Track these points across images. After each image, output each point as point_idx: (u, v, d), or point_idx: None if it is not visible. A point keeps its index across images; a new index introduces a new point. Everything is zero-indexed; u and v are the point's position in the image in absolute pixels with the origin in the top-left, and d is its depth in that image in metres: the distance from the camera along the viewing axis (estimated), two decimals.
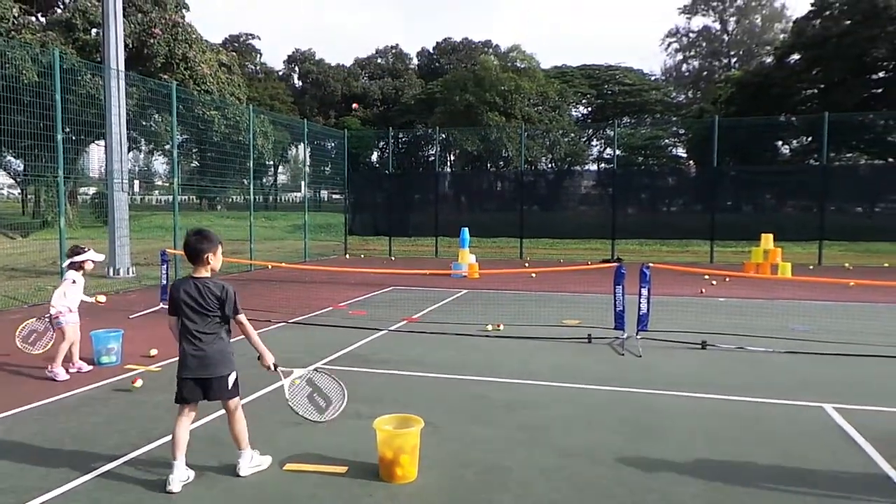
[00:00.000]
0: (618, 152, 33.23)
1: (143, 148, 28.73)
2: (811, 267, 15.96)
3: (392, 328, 8.23)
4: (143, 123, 23.19)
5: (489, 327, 8.12)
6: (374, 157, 50.13)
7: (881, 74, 33.55)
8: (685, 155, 41.43)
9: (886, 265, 16.50)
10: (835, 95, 30.37)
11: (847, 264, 16.44)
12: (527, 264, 16.93)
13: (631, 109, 47.57)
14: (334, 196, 37.42)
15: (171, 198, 14.87)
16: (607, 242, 19.37)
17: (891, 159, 33.08)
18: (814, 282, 11.85)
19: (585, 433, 4.51)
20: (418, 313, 9.34)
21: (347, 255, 20.02)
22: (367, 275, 13.56)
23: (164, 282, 9.72)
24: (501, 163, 38.69)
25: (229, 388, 3.71)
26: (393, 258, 19.33)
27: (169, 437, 3.76)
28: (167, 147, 21.56)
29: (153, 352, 6.63)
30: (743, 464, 3.97)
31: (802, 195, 20.43)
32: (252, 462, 3.81)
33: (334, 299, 10.60)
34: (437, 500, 3.51)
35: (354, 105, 45.38)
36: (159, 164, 37.04)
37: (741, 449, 4.21)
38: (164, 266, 9.80)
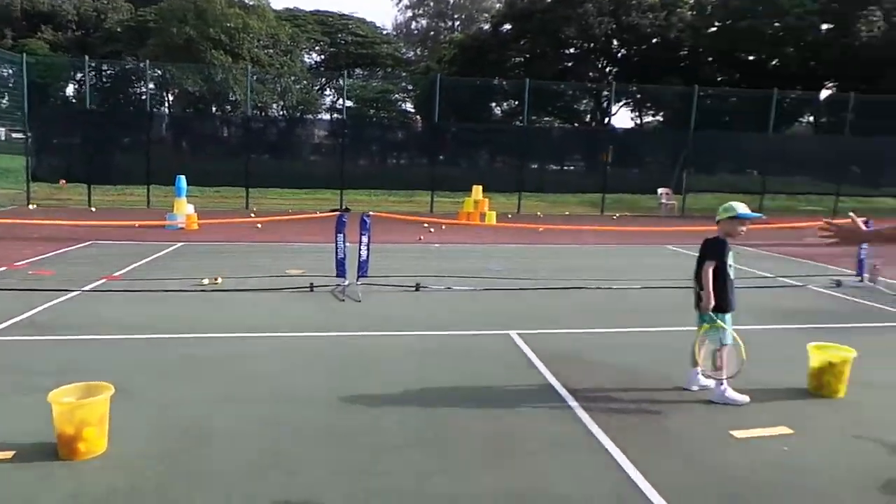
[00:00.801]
0: (349, 103, 33.52)
1: None
2: (510, 216, 18.07)
3: (87, 288, 7.20)
4: None
5: (206, 281, 7.61)
6: (70, 90, 42.62)
7: (572, 51, 39.20)
8: (413, 110, 43.56)
9: (567, 213, 19.67)
10: (537, 65, 34.63)
11: (539, 213, 19.16)
12: (253, 214, 16.24)
13: (363, 61, 48.05)
14: (14, 135, 30.98)
15: None
16: (338, 192, 19.55)
17: (577, 124, 39.21)
18: (512, 228, 13.59)
19: (302, 380, 4.52)
20: (121, 270, 8.32)
21: (32, 206, 16.87)
22: (57, 228, 11.61)
23: None
24: (228, 107, 36.11)
25: None
26: (94, 209, 16.85)
27: None
28: None
29: None
30: (446, 390, 4.40)
31: (508, 152, 23.07)
32: None
33: (10, 258, 8.86)
34: (129, 468, 3.20)
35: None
36: None
37: (444, 377, 4.65)
38: None
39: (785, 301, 7.68)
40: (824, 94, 33.55)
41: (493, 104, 39.94)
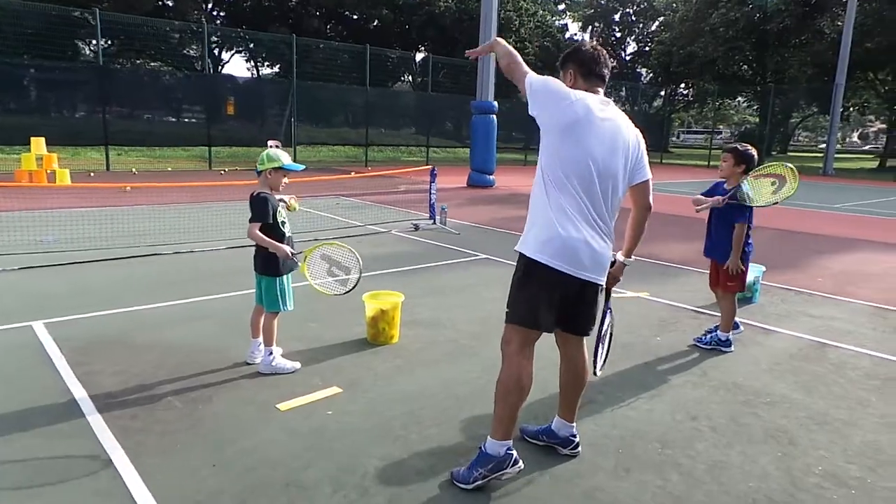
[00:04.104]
0: None
1: None
2: (92, 175, 15.28)
3: None
4: None
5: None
6: None
7: None
8: None
9: (170, 169, 17.72)
10: None
11: (134, 170, 16.74)
12: None
13: None
14: None
15: None
16: None
17: (187, 72, 35.75)
18: (90, 188, 11.43)
19: None
20: None
21: None
22: None
23: None
24: None
25: None
26: None
27: None
28: None
29: None
30: None
31: (93, 98, 19.53)
32: None
33: None
34: None
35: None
36: None
37: None
38: None
39: (368, 248, 7.99)
40: (419, 56, 37.62)
41: (81, 42, 33.63)
